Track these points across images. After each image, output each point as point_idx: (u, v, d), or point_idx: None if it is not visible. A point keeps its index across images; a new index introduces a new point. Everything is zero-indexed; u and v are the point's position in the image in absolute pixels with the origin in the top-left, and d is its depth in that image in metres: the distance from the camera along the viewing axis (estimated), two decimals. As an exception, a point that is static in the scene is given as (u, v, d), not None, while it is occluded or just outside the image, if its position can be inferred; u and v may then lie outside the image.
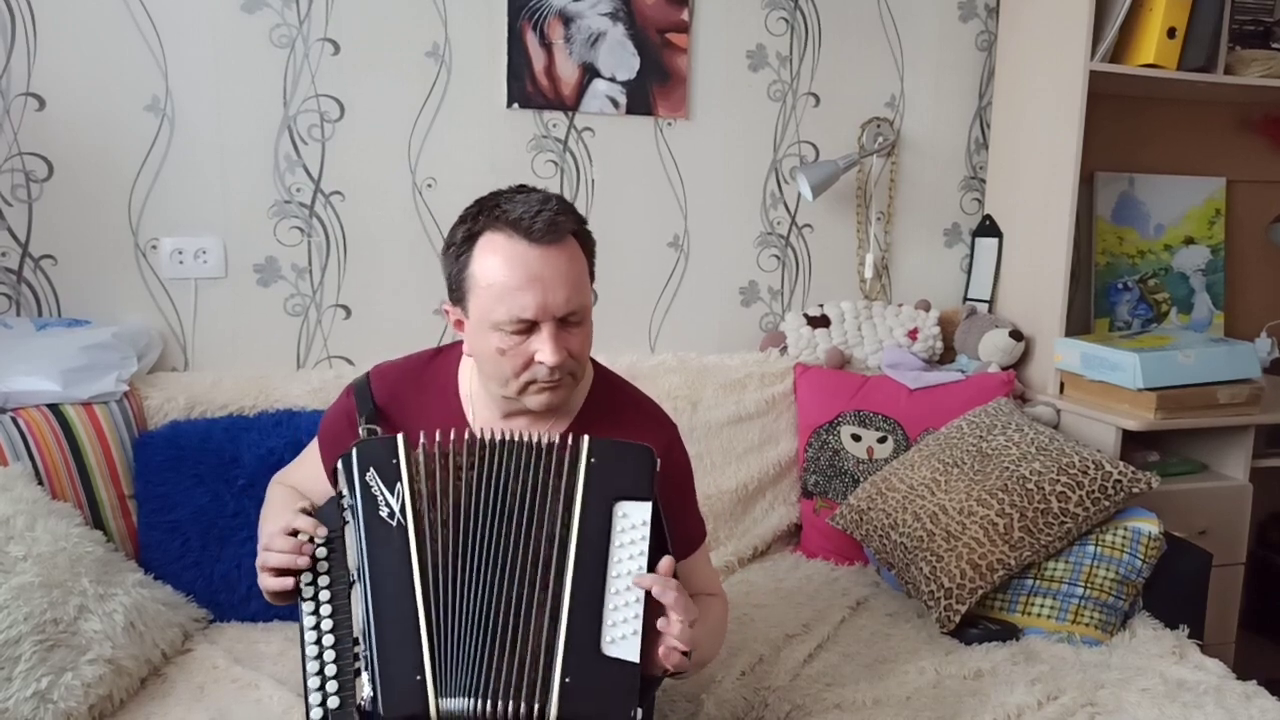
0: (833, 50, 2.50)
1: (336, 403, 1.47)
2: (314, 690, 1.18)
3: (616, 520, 1.21)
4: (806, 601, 2.01)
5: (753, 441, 2.31)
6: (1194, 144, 2.76)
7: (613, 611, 1.18)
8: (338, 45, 2.18)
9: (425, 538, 1.19)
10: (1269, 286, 2.88)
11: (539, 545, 1.20)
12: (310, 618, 1.21)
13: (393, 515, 1.19)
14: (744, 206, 2.50)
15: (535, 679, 1.15)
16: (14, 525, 1.59)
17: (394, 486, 1.20)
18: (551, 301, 1.25)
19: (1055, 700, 1.64)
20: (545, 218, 1.25)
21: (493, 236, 1.26)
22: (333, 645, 1.19)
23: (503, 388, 1.32)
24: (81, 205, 2.07)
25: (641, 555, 1.20)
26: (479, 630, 1.17)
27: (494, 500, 1.21)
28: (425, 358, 1.47)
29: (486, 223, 1.27)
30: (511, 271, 1.24)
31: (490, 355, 1.29)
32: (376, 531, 1.19)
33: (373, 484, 1.20)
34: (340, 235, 2.24)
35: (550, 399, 1.32)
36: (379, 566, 1.18)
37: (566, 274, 1.27)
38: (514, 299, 1.24)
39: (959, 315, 2.58)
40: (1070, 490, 1.91)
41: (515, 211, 1.25)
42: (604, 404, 1.42)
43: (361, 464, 1.22)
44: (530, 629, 1.17)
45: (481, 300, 1.27)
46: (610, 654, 1.16)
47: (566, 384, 1.32)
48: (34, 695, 1.42)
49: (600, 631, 1.17)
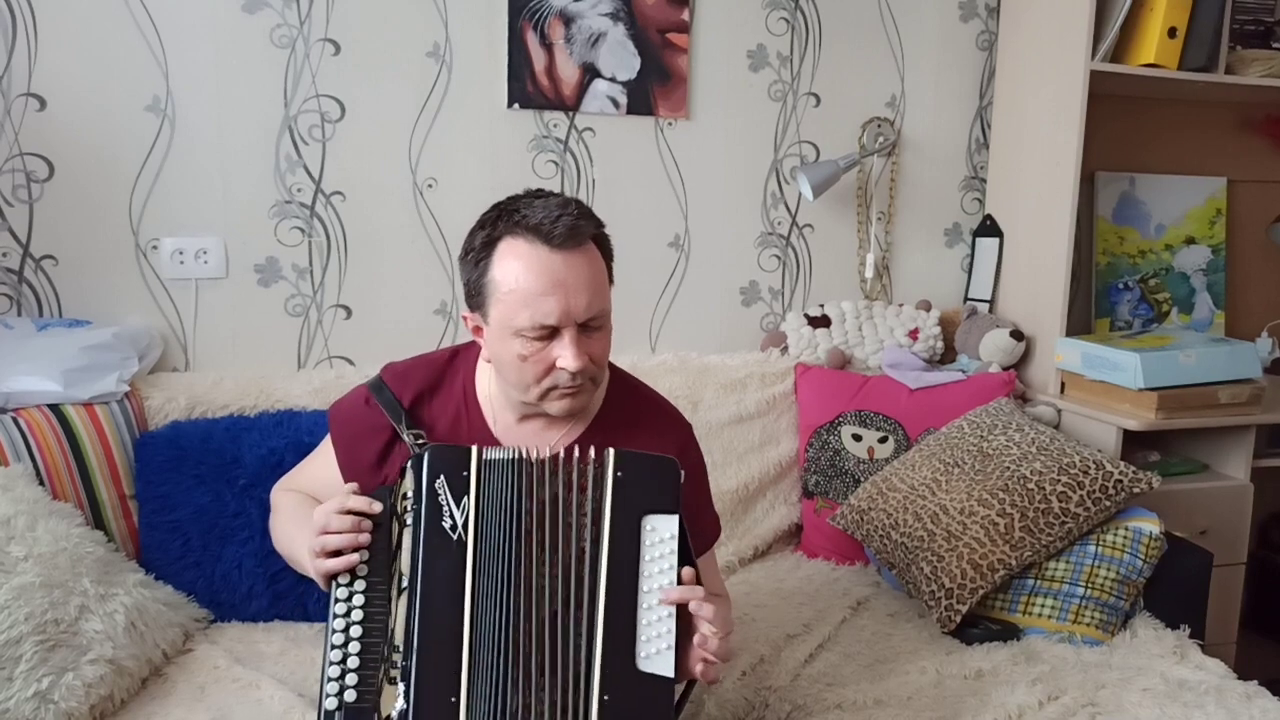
0: (833, 50, 2.50)
1: (349, 404, 1.45)
2: (332, 679, 1.16)
3: (645, 534, 1.20)
4: (807, 601, 2.01)
5: (753, 441, 2.31)
6: (1195, 144, 2.76)
7: (646, 627, 1.18)
8: (338, 45, 2.18)
9: (482, 555, 1.18)
10: (1270, 286, 2.88)
11: (569, 562, 1.19)
12: (341, 605, 1.19)
13: (454, 528, 1.18)
14: (744, 206, 2.50)
15: (574, 699, 1.14)
16: (15, 525, 1.59)
17: (461, 499, 1.18)
18: (574, 307, 1.25)
19: (1056, 700, 1.63)
20: (566, 223, 1.24)
21: (513, 242, 1.26)
22: (360, 637, 1.17)
23: (524, 394, 1.31)
24: (82, 205, 2.07)
25: (671, 569, 1.20)
26: (512, 653, 1.15)
27: (520, 516, 1.20)
28: (443, 358, 1.45)
29: (506, 228, 1.26)
30: (534, 277, 1.24)
31: (511, 361, 1.28)
32: (436, 542, 1.17)
33: (441, 492, 1.18)
34: (341, 235, 2.24)
35: (571, 404, 1.31)
36: (433, 578, 1.16)
37: (588, 279, 1.26)
38: (536, 305, 1.24)
39: (960, 315, 2.58)
40: (1071, 490, 1.91)
41: (536, 217, 1.24)
42: (620, 405, 1.42)
43: (432, 470, 1.19)
44: (566, 647, 1.16)
45: (503, 306, 1.26)
46: (646, 669, 1.16)
47: (587, 389, 1.32)
48: (35, 695, 1.42)
49: (635, 647, 1.17)
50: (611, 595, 1.18)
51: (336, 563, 1.20)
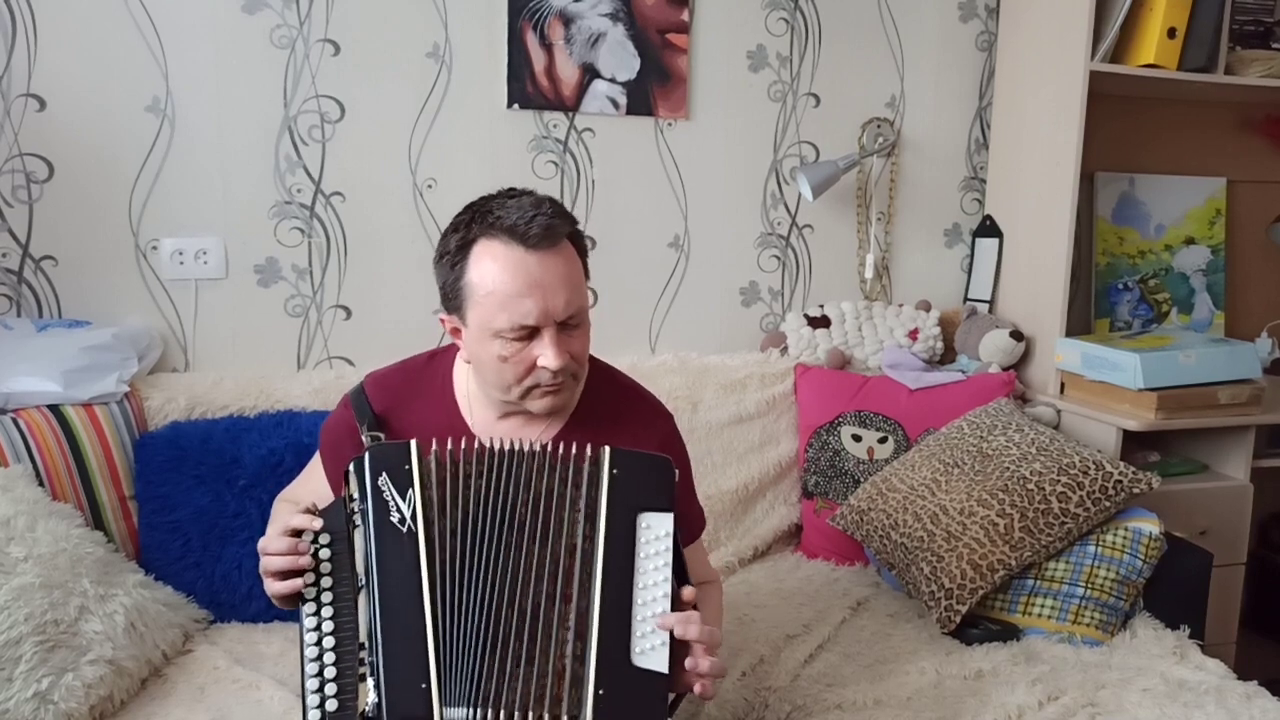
0: (833, 50, 2.50)
1: (334, 413, 1.46)
2: (313, 692, 1.17)
3: (640, 532, 1.21)
4: (807, 602, 2.01)
5: (753, 442, 2.31)
6: (1194, 144, 2.76)
7: (641, 623, 1.18)
8: (338, 46, 2.18)
9: (435, 545, 1.18)
10: (1269, 286, 2.88)
11: (557, 555, 1.20)
12: (311, 619, 1.20)
13: (403, 521, 1.18)
14: (744, 207, 2.50)
15: (565, 691, 1.15)
16: (15, 526, 1.59)
17: (405, 492, 1.19)
18: (552, 306, 1.25)
19: (1056, 700, 1.64)
20: (542, 222, 1.24)
21: (488, 244, 1.26)
22: (334, 648, 1.18)
23: (505, 393, 1.31)
24: (82, 206, 2.07)
25: (666, 566, 1.21)
26: (489, 640, 1.16)
27: (505, 509, 1.21)
28: (420, 362, 1.46)
29: (481, 230, 1.26)
30: (511, 278, 1.24)
31: (491, 362, 1.28)
32: (386, 536, 1.18)
33: (385, 489, 1.19)
34: (340, 236, 2.24)
35: (553, 402, 1.32)
36: (387, 572, 1.17)
37: (565, 278, 1.27)
38: (515, 306, 1.24)
39: (959, 315, 2.58)
40: (1071, 490, 1.91)
41: (510, 218, 1.25)
42: (601, 398, 1.42)
43: (374, 468, 1.20)
44: (551, 640, 1.16)
45: (481, 308, 1.26)
46: (640, 665, 1.17)
47: (569, 386, 1.33)
48: (34, 696, 1.42)
49: (630, 643, 1.17)
50: (607, 590, 1.18)
51: (282, 586, 1.20)
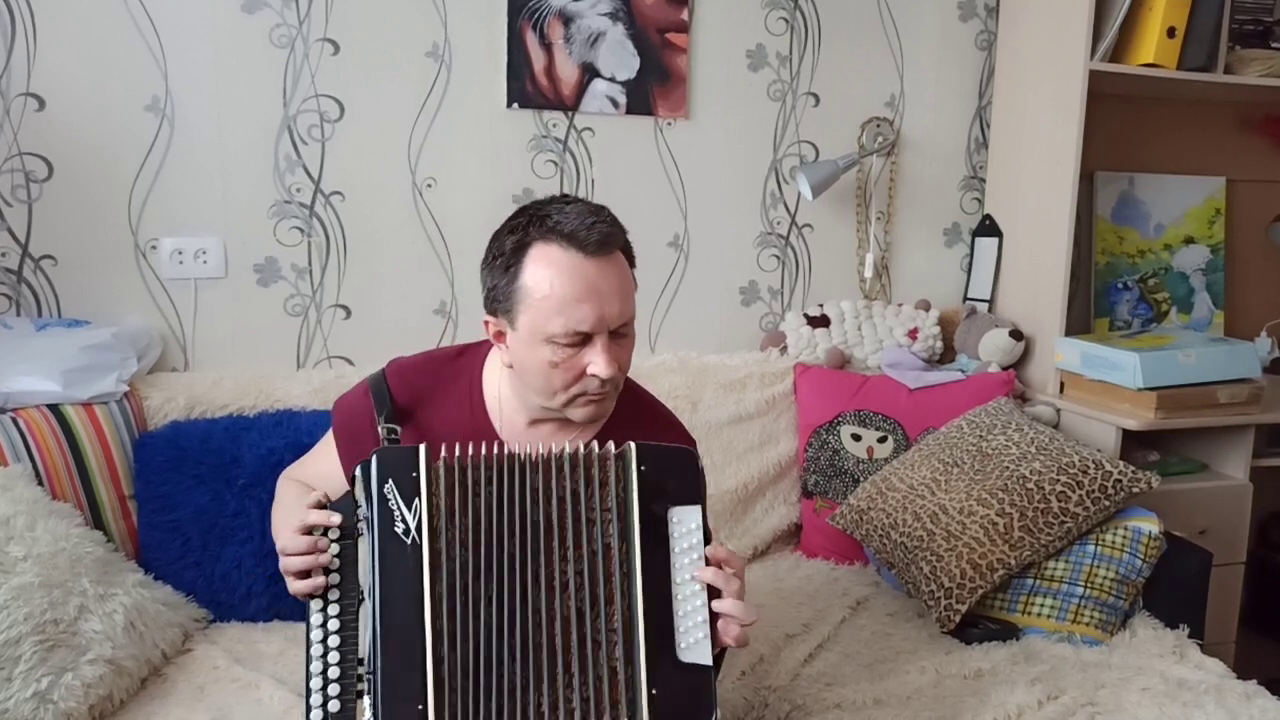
0: (832, 50, 2.50)
1: (352, 398, 1.44)
2: (316, 691, 1.16)
3: (673, 526, 1.20)
4: (807, 601, 2.01)
5: (753, 441, 2.31)
6: (1194, 143, 2.76)
7: (683, 618, 1.18)
8: (338, 45, 2.18)
9: (441, 556, 1.15)
10: (1269, 286, 2.88)
11: (593, 559, 1.18)
12: (318, 615, 1.18)
13: (408, 533, 1.15)
14: (744, 206, 2.50)
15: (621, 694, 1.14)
16: (14, 525, 1.59)
17: (412, 502, 1.16)
18: (608, 313, 1.26)
19: (1055, 700, 1.63)
20: (601, 230, 1.25)
21: (545, 248, 1.25)
22: (338, 647, 1.17)
23: (549, 400, 1.30)
24: (81, 205, 2.07)
25: (700, 559, 1.20)
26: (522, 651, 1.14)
27: (525, 515, 1.18)
28: (448, 356, 1.45)
29: (538, 234, 1.26)
30: (569, 284, 1.24)
31: (539, 368, 1.27)
32: (389, 549, 1.15)
33: (390, 496, 1.16)
34: (340, 235, 2.24)
35: (596, 411, 1.31)
36: (389, 586, 1.14)
37: (619, 286, 1.28)
38: (571, 311, 1.24)
39: (959, 315, 2.58)
40: (1070, 490, 1.91)
41: (569, 223, 1.24)
42: (628, 412, 1.41)
43: (381, 474, 1.17)
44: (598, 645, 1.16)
45: (535, 312, 1.25)
46: (687, 660, 1.16)
47: (611, 395, 1.33)
48: (34, 695, 1.42)
49: (675, 639, 1.17)
50: (649, 589, 1.17)
51: (304, 585, 1.19)
